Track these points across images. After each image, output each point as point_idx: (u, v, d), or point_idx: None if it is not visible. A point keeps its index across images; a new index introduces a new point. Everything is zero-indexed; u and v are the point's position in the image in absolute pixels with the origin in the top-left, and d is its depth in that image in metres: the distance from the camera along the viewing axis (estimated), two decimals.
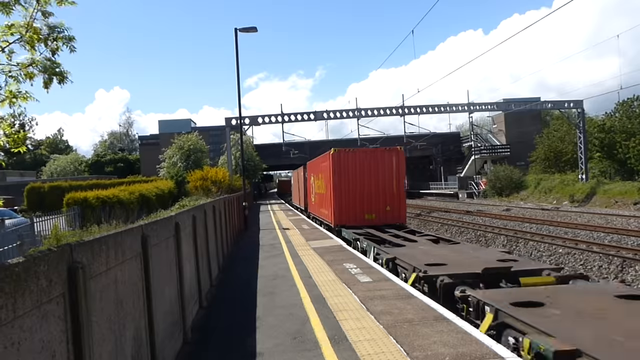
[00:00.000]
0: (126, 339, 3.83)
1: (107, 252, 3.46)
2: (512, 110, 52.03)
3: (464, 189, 55.35)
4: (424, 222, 31.65)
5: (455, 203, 47.76)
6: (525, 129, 58.10)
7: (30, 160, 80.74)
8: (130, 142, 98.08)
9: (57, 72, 5.29)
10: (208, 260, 9.97)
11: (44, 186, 35.33)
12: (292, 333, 6.60)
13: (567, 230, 21.69)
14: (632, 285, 12.86)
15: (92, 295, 3.02)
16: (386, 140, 63.35)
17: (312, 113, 46.11)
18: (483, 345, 5.65)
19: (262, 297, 8.94)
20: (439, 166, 66.06)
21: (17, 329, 2.11)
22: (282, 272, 11.28)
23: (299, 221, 25.66)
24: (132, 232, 4.29)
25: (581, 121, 45.61)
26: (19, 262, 2.18)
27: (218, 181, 26.31)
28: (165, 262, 5.62)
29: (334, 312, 7.44)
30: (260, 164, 48.88)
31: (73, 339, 2.73)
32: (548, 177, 46.81)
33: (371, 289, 8.85)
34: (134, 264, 4.24)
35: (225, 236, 14.84)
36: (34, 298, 2.29)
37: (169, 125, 65.37)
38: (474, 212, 34.50)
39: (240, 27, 22.61)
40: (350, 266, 11.24)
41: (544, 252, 18.04)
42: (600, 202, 35.45)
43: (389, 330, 6.39)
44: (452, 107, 49.97)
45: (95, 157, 76.93)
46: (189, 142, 39.31)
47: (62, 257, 2.68)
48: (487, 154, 60.02)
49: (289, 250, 14.69)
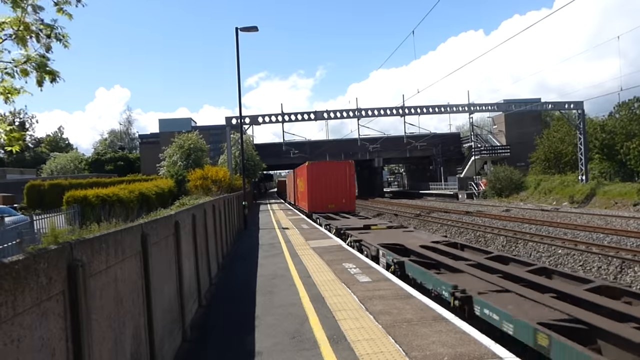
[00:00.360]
0: (126, 337, 3.84)
1: (107, 250, 3.47)
2: (513, 111, 52.07)
3: (463, 189, 55.35)
4: (423, 223, 31.63)
5: (455, 203, 47.75)
6: (525, 129, 58.15)
7: (30, 158, 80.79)
8: (130, 141, 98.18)
9: (47, 71, 5.27)
10: (207, 259, 9.98)
11: (44, 184, 35.37)
12: (291, 332, 6.61)
13: (566, 231, 21.69)
14: (631, 286, 12.86)
15: (92, 293, 3.03)
16: (386, 140, 63.50)
17: (312, 113, 46.11)
18: (482, 345, 5.66)
19: (261, 296, 8.95)
20: (439, 166, 66.08)
21: (16, 326, 2.12)
22: (282, 271, 11.29)
23: (298, 221, 25.67)
24: (132, 230, 4.30)
25: (581, 122, 45.62)
26: (19, 260, 2.19)
27: (218, 180, 26.30)
28: (164, 261, 5.63)
29: (333, 312, 7.45)
30: (260, 163, 48.89)
31: (73, 336, 2.74)
32: (548, 178, 46.82)
33: (370, 288, 8.85)
34: (133, 262, 4.25)
35: (225, 235, 14.85)
36: (34, 295, 2.30)
37: (170, 124, 65.49)
38: (474, 212, 34.50)
39: (241, 26, 22.67)
40: (350, 266, 11.25)
41: (543, 252, 18.05)
42: (600, 203, 35.46)
43: (388, 330, 6.40)
44: (453, 108, 49.99)
45: (95, 156, 77.00)
46: (189, 141, 39.31)
47: (62, 255, 2.69)
48: (487, 154, 60.06)
49: (289, 250, 14.69)
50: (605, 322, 6.01)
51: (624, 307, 6.71)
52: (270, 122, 44.56)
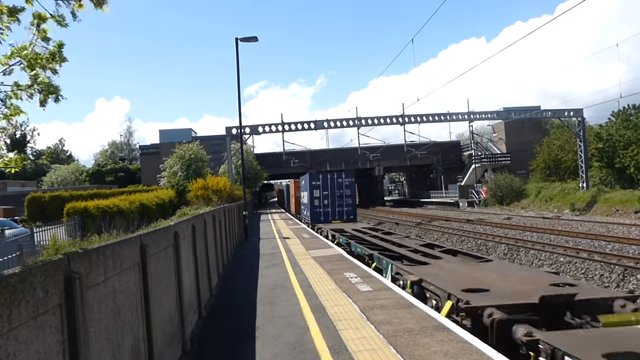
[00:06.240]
0: (124, 350, 3.81)
1: (105, 262, 3.45)
2: (512, 119, 52.15)
3: (464, 197, 55.29)
4: (424, 231, 31.57)
5: (455, 212, 47.67)
6: (525, 137, 58.26)
7: (31, 170, 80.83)
8: (130, 152, 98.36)
9: (51, 91, 5.46)
10: (208, 269, 9.94)
11: (44, 196, 35.34)
12: (292, 343, 6.57)
13: (568, 239, 21.62)
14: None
15: (89, 306, 3.01)
16: (386, 149, 63.56)
17: (312, 122, 46.21)
18: (484, 355, 5.61)
19: (261, 306, 8.91)
20: (439, 175, 66.10)
21: (12, 340, 2.10)
22: (282, 281, 11.25)
23: (299, 230, 25.62)
24: (131, 241, 4.28)
25: (581, 130, 45.67)
26: (15, 273, 2.18)
27: (219, 190, 26.30)
28: (164, 272, 5.60)
29: (333, 322, 7.41)
30: (261, 172, 48.92)
31: (70, 350, 2.71)
32: (549, 186, 46.78)
33: (371, 298, 8.81)
34: (132, 273, 4.22)
35: (226, 245, 14.81)
36: (30, 309, 2.28)
37: (170, 135, 65.57)
38: (475, 220, 34.43)
39: (241, 36, 22.79)
40: (350, 275, 11.21)
41: (545, 261, 17.98)
42: (601, 210, 35.39)
43: (389, 339, 6.36)
44: (452, 116, 50.08)
45: (95, 167, 77.13)
46: (189, 151, 39.38)
47: (59, 268, 2.67)
48: (487, 162, 60.08)
49: (289, 260, 14.65)
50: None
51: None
52: (270, 132, 44.68)
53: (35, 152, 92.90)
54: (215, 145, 60.84)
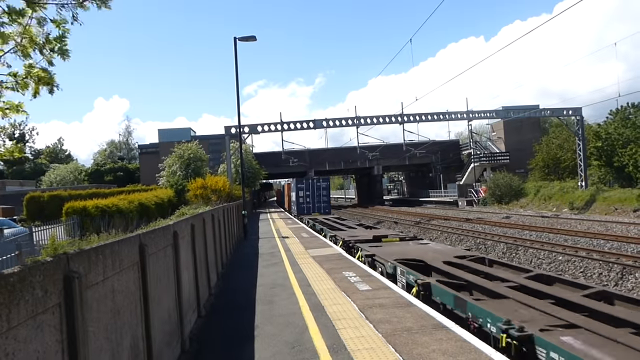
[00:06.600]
0: (123, 349, 3.82)
1: (104, 261, 3.46)
2: (511, 117, 52.18)
3: (463, 196, 55.33)
4: (423, 230, 31.57)
5: (454, 211, 47.70)
6: (524, 136, 58.31)
7: (30, 169, 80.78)
8: (129, 151, 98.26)
9: (45, 82, 5.30)
10: (207, 268, 9.95)
11: (43, 195, 35.30)
12: (291, 342, 6.58)
13: (566, 238, 21.65)
14: (632, 292, 12.81)
15: (88, 305, 3.02)
16: (385, 148, 63.61)
17: (311, 121, 46.15)
18: (482, 353, 5.63)
19: (260, 305, 8.91)
20: (438, 174, 66.11)
21: (11, 339, 2.10)
22: (281, 280, 11.26)
23: (298, 229, 25.63)
24: (130, 241, 4.29)
25: (580, 128, 45.70)
26: (14, 272, 2.18)
27: (218, 190, 26.27)
28: (163, 271, 5.60)
29: (332, 321, 7.42)
30: (259, 172, 48.90)
31: (69, 349, 2.72)
32: (547, 185, 46.82)
33: (370, 297, 8.82)
34: (131, 273, 4.23)
35: (225, 245, 14.82)
36: (29, 308, 2.29)
37: (169, 134, 65.56)
38: (474, 219, 34.45)
39: (240, 35, 22.75)
40: (350, 274, 11.22)
41: (543, 259, 18.00)
42: (600, 209, 35.44)
43: (388, 338, 6.37)
44: (451, 115, 50.05)
45: (94, 166, 77.07)
46: (188, 151, 39.30)
47: (58, 267, 2.68)
48: (486, 161, 60.12)
49: (288, 259, 14.66)
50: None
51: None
52: (269, 131, 44.61)
53: (34, 152, 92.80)
54: (214, 145, 60.83)
